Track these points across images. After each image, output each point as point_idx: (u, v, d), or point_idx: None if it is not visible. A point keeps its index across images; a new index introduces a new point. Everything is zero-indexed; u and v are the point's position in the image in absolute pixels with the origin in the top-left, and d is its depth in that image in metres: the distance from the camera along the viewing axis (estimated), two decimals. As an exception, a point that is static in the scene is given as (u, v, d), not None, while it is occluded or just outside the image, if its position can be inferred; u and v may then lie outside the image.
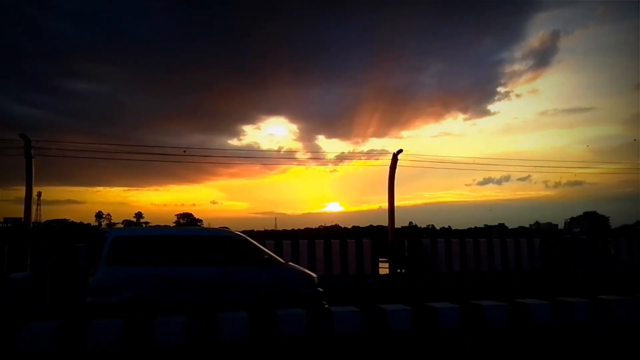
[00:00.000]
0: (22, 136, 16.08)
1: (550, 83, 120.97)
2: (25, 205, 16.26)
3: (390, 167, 19.41)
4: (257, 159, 58.67)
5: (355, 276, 16.32)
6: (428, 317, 8.84)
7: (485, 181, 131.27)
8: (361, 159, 64.07)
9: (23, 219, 16.84)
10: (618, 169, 78.24)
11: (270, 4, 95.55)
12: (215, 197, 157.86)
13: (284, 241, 16.30)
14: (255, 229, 51.25)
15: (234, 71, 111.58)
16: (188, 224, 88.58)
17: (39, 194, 52.61)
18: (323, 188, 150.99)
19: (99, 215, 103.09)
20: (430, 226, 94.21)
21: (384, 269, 18.11)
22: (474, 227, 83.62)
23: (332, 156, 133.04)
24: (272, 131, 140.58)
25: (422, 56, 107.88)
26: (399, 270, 17.95)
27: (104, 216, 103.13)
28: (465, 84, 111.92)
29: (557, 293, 10.73)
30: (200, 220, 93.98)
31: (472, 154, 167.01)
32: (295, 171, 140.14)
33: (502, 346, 7.79)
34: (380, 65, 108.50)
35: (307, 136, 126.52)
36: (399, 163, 19.34)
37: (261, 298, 8.94)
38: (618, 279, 13.54)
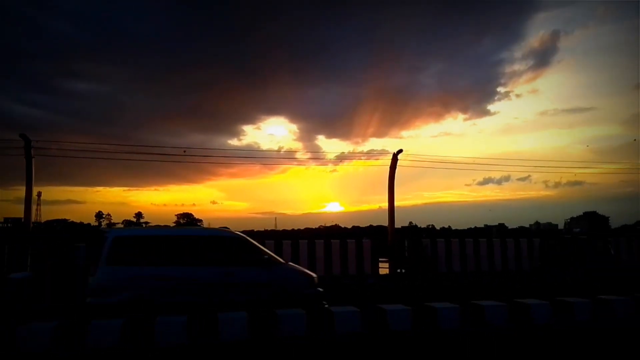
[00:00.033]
0: (22, 136, 16.08)
1: (550, 83, 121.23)
2: (25, 205, 16.27)
3: (390, 167, 19.41)
4: (257, 159, 58.83)
5: (355, 276, 16.31)
6: (428, 317, 8.84)
7: (485, 181, 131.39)
8: (361, 159, 64.06)
9: (23, 219, 16.85)
10: (618, 169, 78.32)
11: (270, 4, 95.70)
12: (215, 197, 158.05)
13: (284, 241, 16.29)
14: (255, 229, 51.37)
15: (234, 71, 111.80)
16: (188, 224, 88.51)
17: (39, 194, 52.67)
18: (323, 188, 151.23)
19: (99, 215, 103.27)
20: (430, 226, 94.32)
21: (384, 269, 18.11)
22: (474, 227, 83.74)
23: (332, 156, 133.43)
24: (272, 131, 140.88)
25: (422, 56, 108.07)
26: (399, 270, 17.94)
27: (104, 216, 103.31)
28: (465, 84, 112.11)
29: (557, 293, 10.73)
30: (200, 220, 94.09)
31: (472, 154, 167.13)
32: (295, 171, 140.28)
33: (502, 346, 7.79)
34: (380, 65, 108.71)
35: (307, 136, 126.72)
36: (399, 163, 19.35)
37: (261, 298, 8.93)
38: (618, 279, 13.53)
